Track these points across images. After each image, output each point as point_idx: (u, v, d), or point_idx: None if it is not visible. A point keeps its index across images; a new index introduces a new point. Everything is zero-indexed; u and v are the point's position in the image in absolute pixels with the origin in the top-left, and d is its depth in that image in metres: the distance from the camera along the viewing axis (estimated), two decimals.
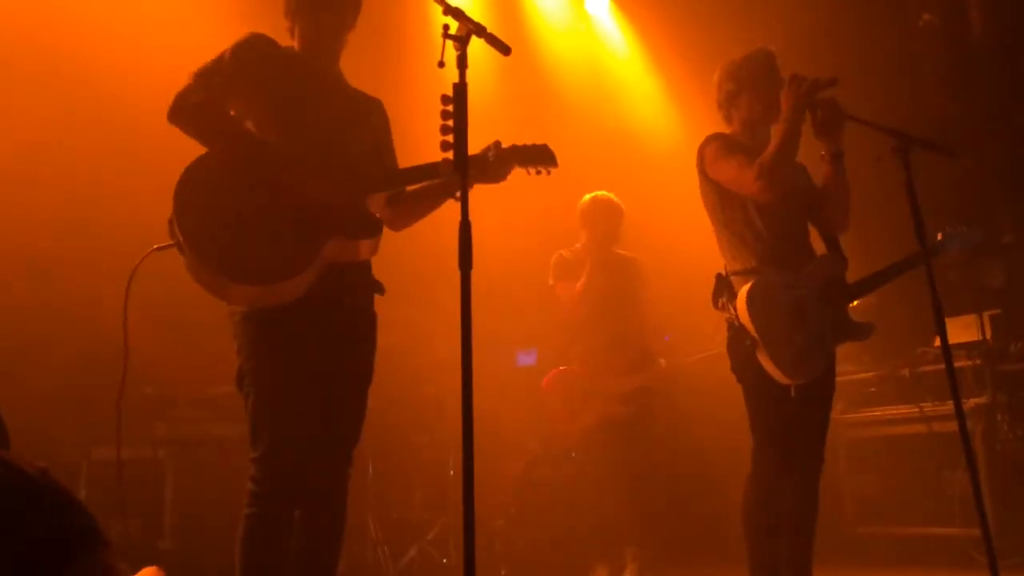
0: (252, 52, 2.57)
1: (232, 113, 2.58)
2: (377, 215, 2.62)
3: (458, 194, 2.03)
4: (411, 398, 5.19)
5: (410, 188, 2.77)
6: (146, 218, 2.78)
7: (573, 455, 4.87)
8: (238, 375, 2.50)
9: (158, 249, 2.47)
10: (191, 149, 2.49)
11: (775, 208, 3.08)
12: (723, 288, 3.12)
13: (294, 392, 2.44)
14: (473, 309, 1.93)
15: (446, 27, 2.06)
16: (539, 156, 2.76)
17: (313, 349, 2.48)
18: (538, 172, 2.79)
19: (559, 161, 2.81)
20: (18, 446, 1.27)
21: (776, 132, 3.00)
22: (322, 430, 2.51)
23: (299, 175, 2.45)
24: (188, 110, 2.46)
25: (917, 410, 4.59)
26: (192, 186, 2.37)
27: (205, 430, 4.46)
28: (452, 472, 5.07)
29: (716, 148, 3.14)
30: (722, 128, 3.30)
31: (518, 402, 5.33)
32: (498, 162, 2.64)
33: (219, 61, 2.54)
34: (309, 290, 2.42)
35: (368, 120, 2.79)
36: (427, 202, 2.78)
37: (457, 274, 1.95)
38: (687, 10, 6.04)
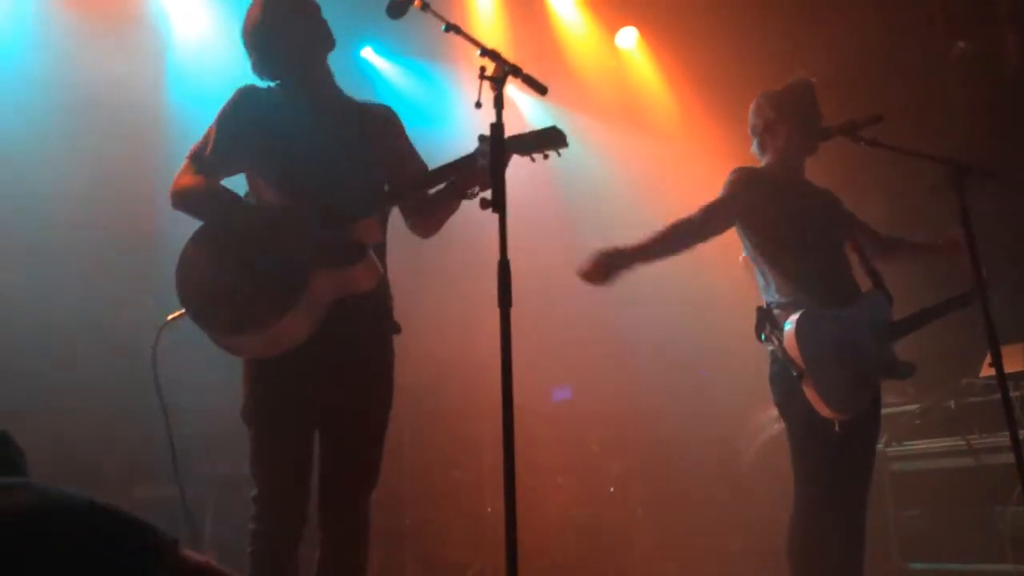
0: (236, 115, 2.60)
1: (247, 177, 2.62)
2: (366, 240, 2.48)
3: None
4: (447, 436, 5.17)
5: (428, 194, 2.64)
6: None
7: (612, 490, 4.81)
8: (242, 411, 2.51)
9: (171, 320, 2.71)
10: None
11: (802, 240, 3.09)
12: (765, 320, 3.09)
13: (292, 430, 2.45)
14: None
15: (483, 69, 2.08)
16: (546, 141, 2.51)
17: (315, 387, 2.47)
18: (545, 157, 2.52)
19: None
20: (59, 483, 1.28)
21: None
22: (332, 469, 2.51)
23: (277, 231, 2.43)
24: (180, 195, 2.53)
25: (964, 443, 4.49)
26: (188, 260, 2.46)
27: (244, 469, 4.47)
28: (489, 510, 5.04)
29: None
30: (750, 159, 3.31)
31: (554, 439, 5.29)
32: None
33: (206, 138, 2.59)
34: (318, 329, 2.43)
35: (377, 130, 2.74)
36: (441, 208, 2.66)
37: (496, 311, 1.95)
38: (714, 44, 6.05)
